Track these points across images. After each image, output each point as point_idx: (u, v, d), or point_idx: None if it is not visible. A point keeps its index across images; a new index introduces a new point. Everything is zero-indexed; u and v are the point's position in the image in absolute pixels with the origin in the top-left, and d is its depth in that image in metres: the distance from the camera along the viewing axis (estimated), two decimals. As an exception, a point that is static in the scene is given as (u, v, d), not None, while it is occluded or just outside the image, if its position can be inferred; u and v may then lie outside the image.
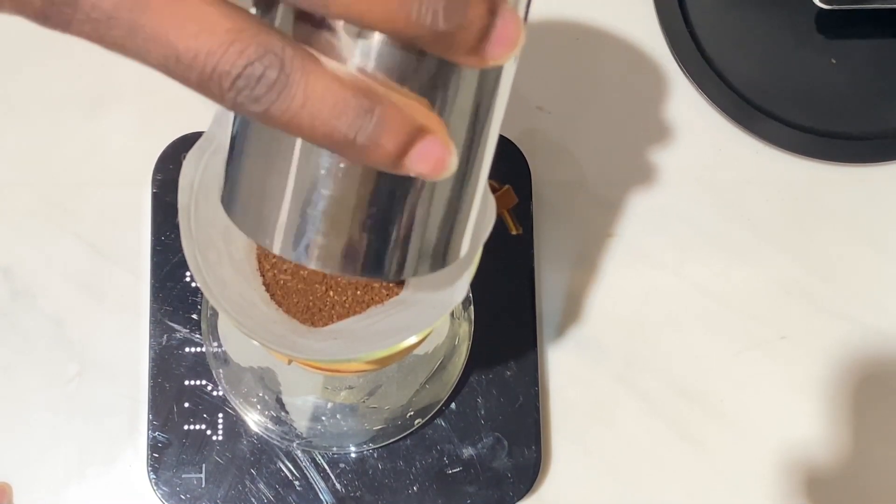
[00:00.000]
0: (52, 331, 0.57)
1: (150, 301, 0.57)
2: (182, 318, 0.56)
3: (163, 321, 0.56)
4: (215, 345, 0.56)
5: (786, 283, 0.60)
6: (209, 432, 0.55)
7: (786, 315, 0.60)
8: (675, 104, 0.62)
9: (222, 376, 0.56)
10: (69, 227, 0.58)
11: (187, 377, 0.56)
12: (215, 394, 0.56)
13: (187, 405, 0.56)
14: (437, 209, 0.31)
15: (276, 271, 0.42)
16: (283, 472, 0.56)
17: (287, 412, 0.56)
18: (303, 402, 0.56)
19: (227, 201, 0.32)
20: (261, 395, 0.56)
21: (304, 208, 0.30)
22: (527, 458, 0.56)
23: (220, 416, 0.56)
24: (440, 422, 0.57)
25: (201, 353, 0.56)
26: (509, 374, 0.57)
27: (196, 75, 0.25)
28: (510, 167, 0.59)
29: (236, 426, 0.56)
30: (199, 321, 0.56)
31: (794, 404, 0.59)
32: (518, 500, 0.56)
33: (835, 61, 0.63)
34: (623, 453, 0.58)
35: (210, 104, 0.26)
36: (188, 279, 0.57)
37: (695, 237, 0.60)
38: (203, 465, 0.55)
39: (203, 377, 0.56)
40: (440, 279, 0.39)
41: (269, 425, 0.55)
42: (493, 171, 0.33)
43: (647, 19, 0.63)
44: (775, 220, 0.61)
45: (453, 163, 0.27)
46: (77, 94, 0.60)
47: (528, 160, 0.59)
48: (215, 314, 0.56)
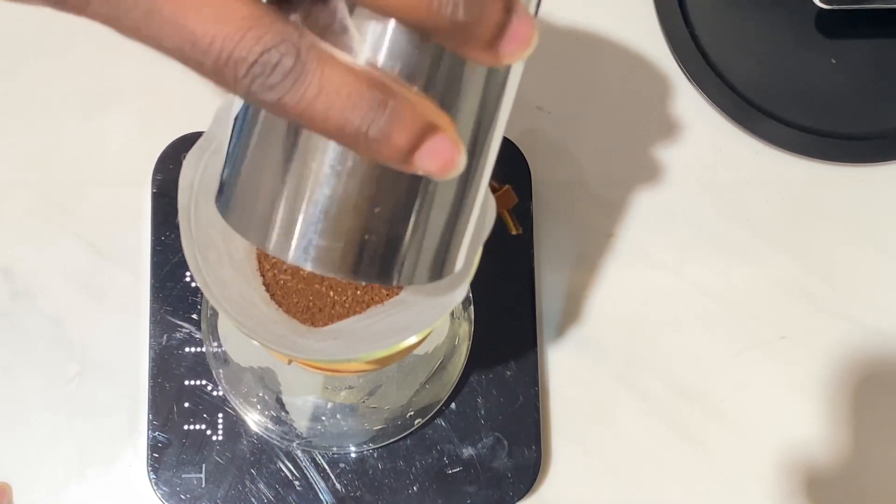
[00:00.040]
0: (52, 331, 0.57)
1: (150, 301, 0.57)
2: (182, 318, 0.56)
3: (163, 321, 0.56)
4: (215, 345, 0.56)
5: (786, 283, 0.60)
6: (209, 432, 0.55)
7: (786, 315, 0.60)
8: (675, 104, 0.62)
9: (222, 376, 0.56)
10: (69, 227, 0.58)
11: (187, 377, 0.56)
12: (215, 394, 0.56)
13: (187, 405, 0.56)
14: (437, 215, 0.31)
15: (276, 271, 0.42)
16: (283, 472, 0.56)
17: (287, 412, 0.56)
18: (303, 402, 0.56)
19: (222, 201, 0.31)
20: (261, 395, 0.56)
21: (303, 208, 0.29)
22: (527, 458, 0.56)
23: (220, 416, 0.56)
24: (440, 422, 0.57)
25: (201, 353, 0.56)
26: (509, 374, 0.57)
27: (211, 61, 0.25)
28: (510, 167, 0.59)
29: (236, 426, 0.56)
30: (199, 321, 0.56)
31: (794, 404, 0.59)
32: (518, 500, 0.56)
33: (835, 61, 0.63)
34: (623, 453, 0.58)
35: (210, 104, 0.26)
36: (188, 279, 0.57)
37: (695, 237, 0.60)
38: (203, 465, 0.55)
39: (203, 377, 0.56)
40: (440, 281, 0.39)
41: (269, 425, 0.55)
42: (493, 171, 0.33)
43: (647, 20, 0.63)
44: (775, 220, 0.61)
45: (462, 162, 0.27)
46: (77, 94, 0.60)
47: (528, 160, 0.59)
48: (215, 314, 0.56)
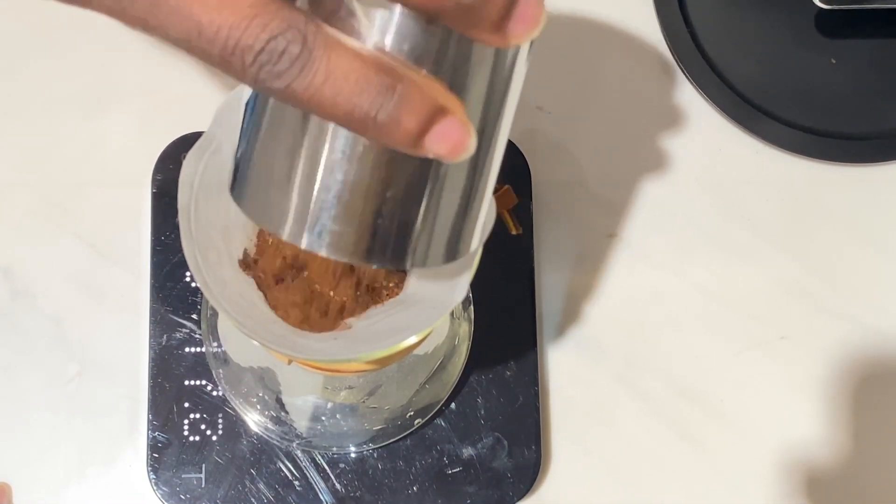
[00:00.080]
0: (52, 331, 0.57)
1: (150, 301, 0.57)
2: (182, 318, 0.56)
3: (163, 321, 0.56)
4: (215, 345, 0.56)
5: (786, 283, 0.60)
6: (209, 432, 0.55)
7: (786, 315, 0.60)
8: (675, 104, 0.62)
9: (222, 376, 0.56)
10: (69, 227, 0.58)
11: (187, 377, 0.56)
12: (215, 394, 0.56)
13: (187, 405, 0.56)
14: (449, 197, 0.30)
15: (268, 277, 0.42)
16: (283, 472, 0.56)
17: (287, 412, 0.56)
18: (303, 402, 0.56)
19: (236, 189, 0.31)
20: (261, 395, 0.56)
21: (315, 195, 0.29)
22: (527, 458, 0.56)
23: (220, 416, 0.56)
24: (440, 422, 0.57)
25: (201, 353, 0.56)
26: (509, 374, 0.57)
27: (218, 50, 0.25)
28: (510, 167, 0.59)
29: (236, 426, 0.56)
30: (199, 321, 0.56)
31: (794, 404, 0.59)
32: (518, 500, 0.56)
33: (835, 61, 0.63)
34: (623, 453, 0.58)
35: (210, 104, 0.26)
36: (188, 279, 0.57)
37: (695, 237, 0.60)
38: (203, 465, 0.55)
39: (203, 377, 0.56)
40: (440, 279, 0.39)
41: (269, 425, 0.55)
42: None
43: (647, 19, 0.63)
44: (775, 220, 0.61)
45: (472, 144, 0.27)
46: (77, 94, 0.60)
47: (528, 160, 0.59)
48: (215, 314, 0.56)
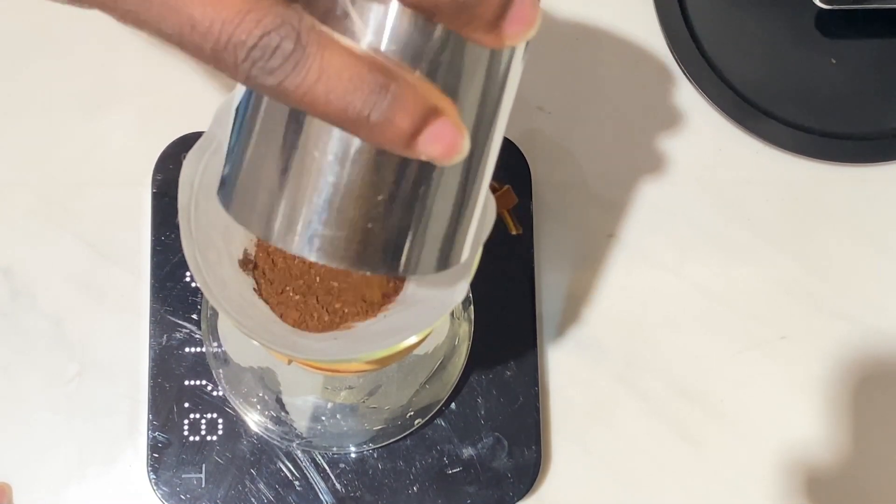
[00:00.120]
0: (52, 331, 0.57)
1: (150, 301, 0.57)
2: (182, 318, 0.56)
3: (163, 321, 0.56)
4: (215, 345, 0.56)
5: (786, 283, 0.60)
6: (209, 432, 0.55)
7: (786, 315, 0.60)
8: (675, 104, 0.62)
9: (222, 376, 0.56)
10: (69, 227, 0.58)
11: (187, 377, 0.56)
12: (215, 394, 0.56)
13: (187, 405, 0.56)
14: (443, 201, 0.30)
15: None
16: (283, 472, 0.56)
17: (287, 412, 0.56)
18: (303, 402, 0.56)
19: (224, 193, 0.31)
20: (261, 395, 0.56)
21: (306, 198, 0.29)
22: (527, 458, 0.56)
23: (220, 416, 0.56)
24: (440, 422, 0.57)
25: (201, 353, 0.56)
26: (509, 374, 0.57)
27: (210, 45, 0.25)
28: (510, 167, 0.59)
29: (236, 426, 0.56)
30: (199, 321, 0.56)
31: (794, 404, 0.59)
32: (518, 500, 0.56)
33: (835, 61, 0.63)
34: (623, 453, 0.58)
35: (210, 104, 0.26)
36: (188, 279, 0.57)
37: (695, 237, 0.60)
38: (203, 465, 0.55)
39: (203, 377, 0.56)
40: (440, 279, 0.39)
41: (269, 425, 0.55)
42: (493, 171, 0.33)
43: (647, 19, 0.63)
44: (775, 220, 0.61)
45: (465, 146, 0.27)
46: (77, 94, 0.60)
47: (528, 160, 0.59)
48: (215, 314, 0.56)
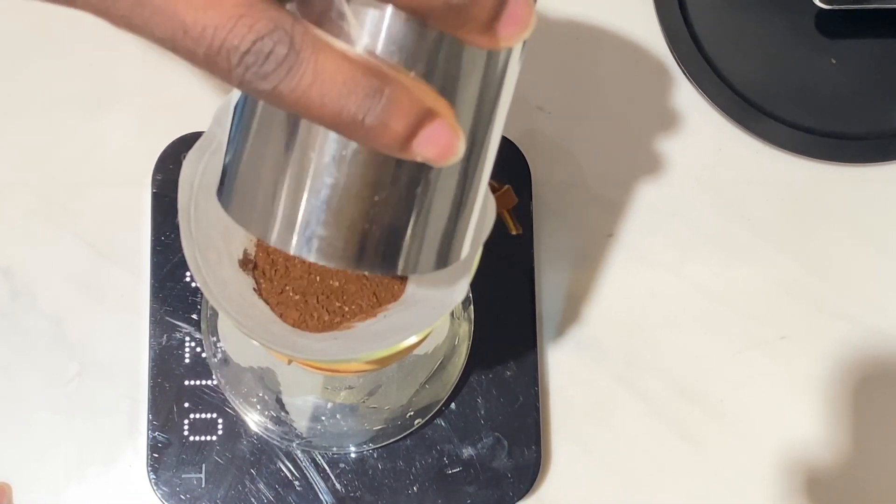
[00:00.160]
0: (52, 331, 0.57)
1: (150, 301, 0.57)
2: (182, 318, 0.56)
3: (163, 321, 0.56)
4: (215, 345, 0.56)
5: (786, 283, 0.60)
6: (209, 432, 0.55)
7: (786, 315, 0.60)
8: (675, 104, 0.62)
9: (222, 376, 0.56)
10: (69, 227, 0.58)
11: (187, 377, 0.56)
12: (215, 394, 0.56)
13: (187, 405, 0.56)
14: (440, 202, 0.30)
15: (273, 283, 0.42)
16: (283, 472, 0.56)
17: (287, 412, 0.56)
18: (303, 402, 0.56)
19: (223, 194, 0.31)
20: (261, 395, 0.56)
21: (304, 199, 0.29)
22: (527, 458, 0.56)
23: (220, 416, 0.56)
24: (440, 422, 0.57)
25: (201, 353, 0.56)
26: (509, 374, 0.57)
27: (203, 50, 0.25)
28: (510, 167, 0.59)
29: (236, 426, 0.56)
30: (199, 321, 0.56)
31: (794, 404, 0.59)
32: (518, 500, 0.56)
33: (835, 61, 0.63)
34: (623, 453, 0.58)
35: (210, 104, 0.26)
36: (188, 279, 0.57)
37: (695, 237, 0.60)
38: (203, 465, 0.55)
39: (203, 377, 0.56)
40: (440, 279, 0.39)
41: (269, 425, 0.55)
42: (493, 171, 0.33)
43: (647, 19, 0.63)
44: (775, 220, 0.61)
45: (461, 148, 0.27)
46: (77, 94, 0.60)
47: (528, 160, 0.59)
48: (215, 314, 0.56)
